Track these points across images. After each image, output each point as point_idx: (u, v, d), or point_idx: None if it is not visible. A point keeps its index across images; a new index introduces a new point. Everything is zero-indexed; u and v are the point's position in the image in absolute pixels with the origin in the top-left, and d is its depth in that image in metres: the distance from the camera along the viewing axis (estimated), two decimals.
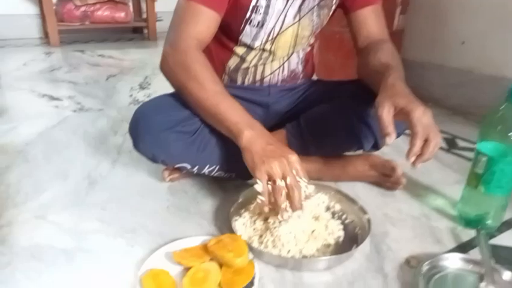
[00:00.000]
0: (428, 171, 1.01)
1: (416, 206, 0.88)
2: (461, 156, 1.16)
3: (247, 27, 0.85)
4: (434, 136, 0.65)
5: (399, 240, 0.76)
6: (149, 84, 1.83)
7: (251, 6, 0.81)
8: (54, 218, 0.80)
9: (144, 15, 3.00)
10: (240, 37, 0.87)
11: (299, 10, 0.86)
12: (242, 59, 0.92)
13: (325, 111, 0.90)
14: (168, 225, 0.79)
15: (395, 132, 0.67)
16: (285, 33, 0.88)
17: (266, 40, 0.88)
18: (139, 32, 3.17)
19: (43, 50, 2.49)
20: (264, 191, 0.67)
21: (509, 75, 1.40)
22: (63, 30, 2.67)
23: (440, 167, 1.08)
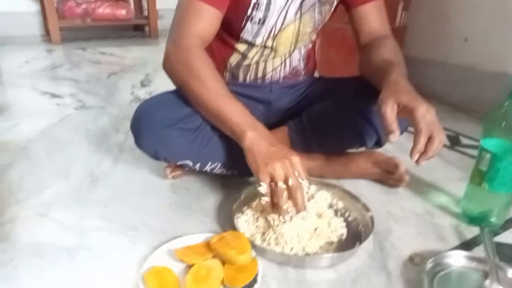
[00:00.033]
0: (431, 168, 1.00)
1: (419, 204, 0.88)
2: (464, 153, 1.16)
3: (248, 24, 0.84)
4: (438, 133, 0.65)
5: (402, 237, 0.75)
6: (150, 81, 1.83)
7: (252, 3, 0.81)
8: (56, 216, 0.80)
9: (145, 12, 2.99)
10: (241, 34, 0.87)
11: (300, 6, 0.85)
12: (243, 56, 0.92)
13: (327, 108, 0.90)
14: (171, 222, 0.78)
15: (399, 129, 0.66)
16: (287, 29, 0.87)
17: (267, 37, 0.87)
18: (140, 30, 3.16)
19: (44, 48, 2.49)
20: (268, 193, 0.68)
21: (511, 72, 1.39)
22: (64, 27, 2.67)
23: (443, 165, 1.07)
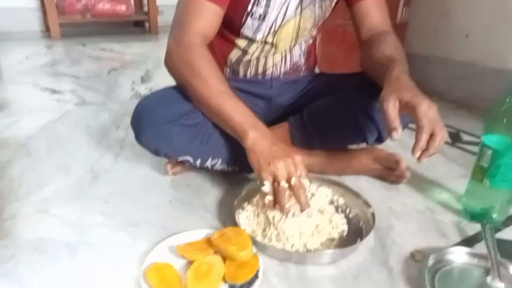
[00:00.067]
0: (432, 165, 1.00)
1: (420, 200, 0.88)
2: (465, 150, 1.16)
3: (248, 19, 0.84)
4: (440, 130, 0.64)
5: (404, 234, 0.75)
6: (151, 78, 1.83)
7: None
8: (57, 212, 0.79)
9: (146, 8, 2.98)
10: (242, 30, 0.86)
11: (301, 2, 0.84)
12: (244, 52, 0.91)
13: (328, 104, 0.89)
14: (171, 218, 0.78)
15: (401, 127, 0.66)
16: (287, 25, 0.87)
17: (268, 32, 0.87)
18: (140, 26, 3.15)
19: (44, 44, 2.48)
20: (270, 192, 0.68)
21: None
22: (64, 23, 2.66)
23: (444, 161, 1.07)
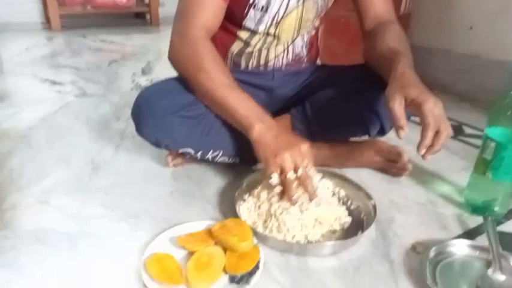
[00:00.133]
0: (434, 158, 0.95)
1: (422, 193, 0.87)
2: (468, 143, 1.15)
3: (251, 11, 0.83)
4: (445, 127, 0.64)
5: (405, 226, 0.75)
6: (152, 69, 1.82)
7: None
8: (57, 203, 0.79)
9: (147, 0, 2.96)
10: (244, 22, 0.85)
11: None
12: (246, 43, 0.90)
13: (330, 96, 0.89)
14: (172, 210, 0.78)
15: (407, 125, 0.66)
16: (289, 16, 0.86)
17: (270, 24, 0.86)
18: (141, 18, 3.14)
19: (45, 35, 2.47)
20: (278, 183, 0.68)
21: None
22: (64, 15, 2.65)
23: (446, 154, 1.06)
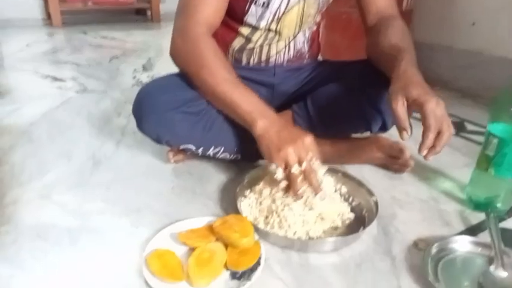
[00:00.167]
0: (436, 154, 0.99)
1: (424, 189, 0.87)
2: (470, 139, 1.14)
3: (252, 7, 0.82)
4: (447, 128, 0.64)
5: (407, 222, 0.75)
6: (153, 66, 1.82)
7: None
8: (58, 198, 0.79)
9: None
10: (245, 18, 0.85)
11: None
12: (247, 40, 0.90)
13: (332, 92, 0.88)
14: (173, 206, 0.78)
15: (411, 127, 0.66)
16: (291, 12, 0.85)
17: (272, 20, 0.85)
18: (142, 14, 3.13)
19: (45, 31, 2.47)
20: (283, 178, 0.68)
21: None
22: (65, 11, 2.65)
23: (448, 151, 1.05)
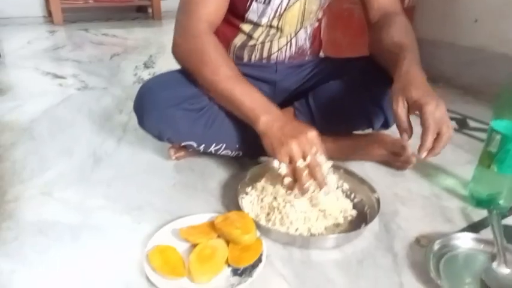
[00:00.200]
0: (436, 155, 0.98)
1: (426, 186, 0.87)
2: (472, 136, 1.14)
3: (253, 4, 0.82)
4: (446, 130, 0.64)
5: (409, 219, 0.75)
6: (154, 63, 1.81)
7: None
8: (60, 195, 0.79)
9: None
10: (247, 14, 0.84)
11: None
12: (249, 36, 0.89)
13: (334, 88, 0.88)
14: (175, 202, 0.78)
15: (411, 129, 0.66)
16: (292, 8, 0.85)
17: (273, 16, 0.85)
18: (143, 11, 3.12)
19: (47, 29, 2.46)
20: (288, 173, 0.67)
21: None
22: (66, 8, 2.64)
23: (451, 147, 1.04)
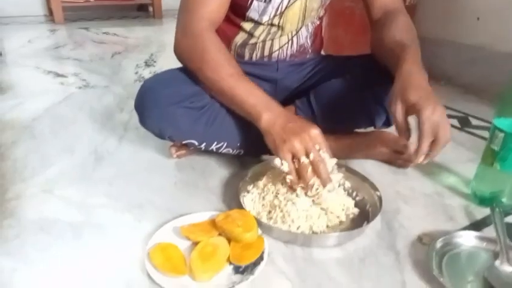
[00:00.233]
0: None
1: (428, 184, 0.86)
2: (474, 134, 1.14)
3: (254, 2, 0.82)
4: (443, 135, 0.64)
5: (411, 217, 0.74)
6: (155, 61, 1.81)
7: None
8: (61, 193, 0.79)
9: None
10: (248, 13, 0.84)
11: None
12: (250, 35, 0.89)
13: (335, 86, 0.88)
14: (176, 200, 0.78)
15: (409, 130, 0.66)
16: (293, 6, 0.84)
17: (274, 14, 0.84)
18: (144, 10, 3.12)
19: (47, 28, 2.46)
20: (291, 170, 0.67)
21: None
22: (67, 7, 2.65)
23: (453, 145, 1.05)
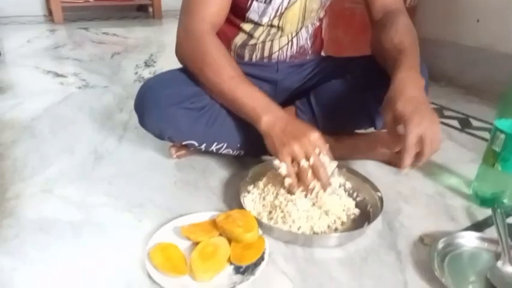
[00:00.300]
0: (442, 150, 0.94)
1: (430, 184, 0.86)
2: (475, 135, 1.14)
3: (254, 3, 0.82)
4: (427, 148, 0.63)
5: (412, 217, 0.74)
6: (154, 62, 1.81)
7: None
8: (61, 192, 0.79)
9: None
10: (247, 14, 0.84)
11: None
12: (250, 36, 0.89)
13: (336, 87, 0.87)
14: (176, 200, 0.77)
15: (400, 138, 0.65)
16: (293, 7, 0.84)
17: (274, 15, 0.84)
18: (144, 10, 3.12)
19: (47, 28, 2.46)
20: (290, 173, 0.67)
21: None
22: (67, 7, 2.64)
23: (454, 146, 1.05)
